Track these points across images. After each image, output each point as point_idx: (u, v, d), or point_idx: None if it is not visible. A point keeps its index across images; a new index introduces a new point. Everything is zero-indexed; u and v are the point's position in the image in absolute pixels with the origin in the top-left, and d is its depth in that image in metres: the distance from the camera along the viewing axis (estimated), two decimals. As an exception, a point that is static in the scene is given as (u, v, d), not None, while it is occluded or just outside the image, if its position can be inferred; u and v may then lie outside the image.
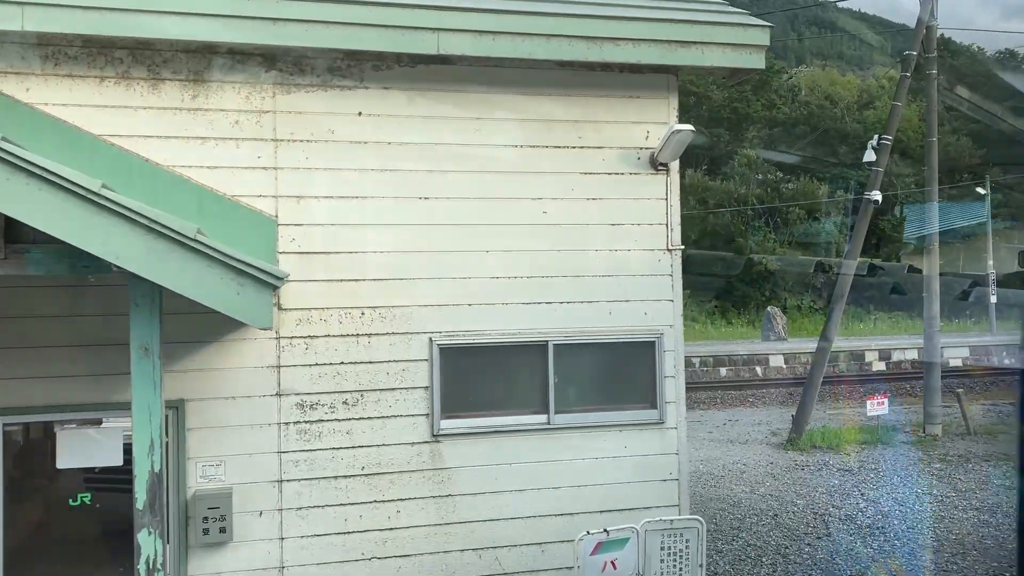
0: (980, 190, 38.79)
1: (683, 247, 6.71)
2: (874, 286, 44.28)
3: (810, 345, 23.05)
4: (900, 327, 36.70)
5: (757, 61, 6.53)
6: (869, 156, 17.03)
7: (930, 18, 17.02)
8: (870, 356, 28.75)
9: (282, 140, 6.01)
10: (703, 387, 24.76)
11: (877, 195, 16.36)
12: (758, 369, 27.82)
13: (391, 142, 6.21)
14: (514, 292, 6.42)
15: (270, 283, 3.44)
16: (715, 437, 17.65)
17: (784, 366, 28.13)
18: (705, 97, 57.09)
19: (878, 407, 16.95)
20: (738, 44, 6.47)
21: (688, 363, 27.47)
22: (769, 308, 34.01)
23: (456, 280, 6.31)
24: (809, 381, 17.35)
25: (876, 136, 16.91)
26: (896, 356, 29.26)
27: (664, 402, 6.67)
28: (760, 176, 57.37)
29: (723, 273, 46.11)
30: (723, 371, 27.51)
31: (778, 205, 50.97)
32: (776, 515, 11.59)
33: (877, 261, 44.57)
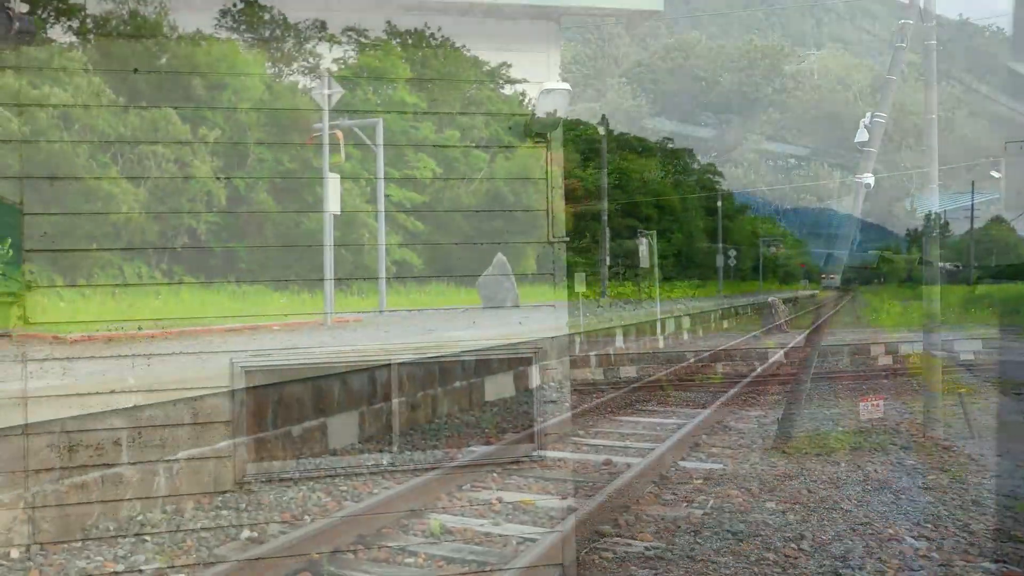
0: (994, 174, 37.05)
1: (568, 238, 5.33)
2: (887, 276, 43.00)
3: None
4: (916, 320, 35.07)
5: (655, 0, 5.13)
6: (861, 136, 15.46)
7: (928, -19, 15.47)
8: (875, 350, 27.18)
9: (30, 105, 4.68)
10: (696, 386, 23.29)
11: (870, 178, 14.84)
12: (757, 364, 26.36)
13: (180, 107, 4.86)
14: (346, 298, 5.06)
15: None
16: (696, 441, 16.22)
17: (785, 360, 26.69)
18: (714, 82, 55.76)
19: (873, 409, 15.55)
20: (629, -22, 5.08)
21: (682, 359, 26.05)
22: (770, 299, 32.65)
23: (269, 284, 4.97)
24: (796, 379, 15.91)
25: (868, 113, 15.36)
26: (905, 349, 27.71)
27: (544, 433, 5.29)
28: (771, 163, 56.13)
29: (732, 264, 45.07)
30: (719, 367, 26.07)
31: (787, 187, 49.68)
32: (740, 540, 10.19)
33: (887, 253, 43.32)
